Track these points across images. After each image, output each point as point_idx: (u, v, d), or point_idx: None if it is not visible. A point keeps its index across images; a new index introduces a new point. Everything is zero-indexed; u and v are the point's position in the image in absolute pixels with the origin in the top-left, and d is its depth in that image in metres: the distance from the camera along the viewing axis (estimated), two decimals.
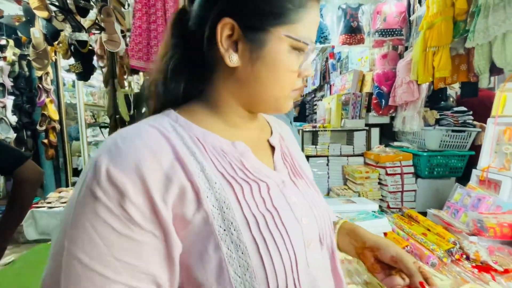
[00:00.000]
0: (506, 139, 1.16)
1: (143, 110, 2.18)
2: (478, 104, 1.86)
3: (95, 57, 1.90)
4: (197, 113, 0.43)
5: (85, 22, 1.54)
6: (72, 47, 1.78)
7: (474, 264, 0.90)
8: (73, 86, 4.04)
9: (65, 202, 1.85)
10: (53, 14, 1.47)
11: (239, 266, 0.34)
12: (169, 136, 0.37)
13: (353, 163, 2.44)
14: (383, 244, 0.52)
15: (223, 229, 0.35)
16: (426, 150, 2.01)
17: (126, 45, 1.67)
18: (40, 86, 2.95)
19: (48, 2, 1.56)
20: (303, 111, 4.82)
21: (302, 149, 2.56)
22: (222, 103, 0.44)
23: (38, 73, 2.81)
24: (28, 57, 2.74)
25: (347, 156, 2.45)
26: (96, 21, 1.41)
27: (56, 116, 3.09)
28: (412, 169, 2.07)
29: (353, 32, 2.28)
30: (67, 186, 3.26)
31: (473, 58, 1.47)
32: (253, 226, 0.36)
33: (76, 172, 3.92)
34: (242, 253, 0.35)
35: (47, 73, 2.97)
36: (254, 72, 0.41)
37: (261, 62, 0.40)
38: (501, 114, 1.21)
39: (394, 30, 2.21)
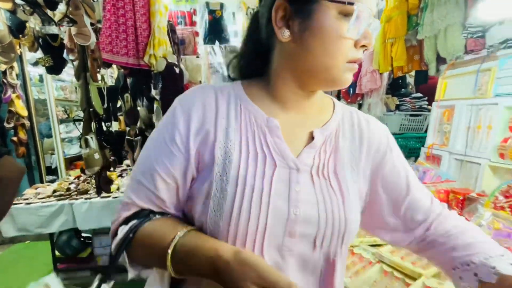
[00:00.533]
0: (445, 120, 1.35)
1: (119, 103, 2.17)
2: (431, 91, 2.07)
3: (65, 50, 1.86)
4: (253, 87, 0.52)
5: (55, 15, 1.51)
6: (40, 40, 1.74)
7: None
8: (40, 80, 3.84)
9: (42, 198, 1.84)
10: (20, 7, 1.42)
11: (217, 204, 0.45)
12: (219, 97, 0.49)
13: None
14: None
15: (220, 175, 0.45)
16: None
17: (97, 38, 1.67)
18: (5, 81, 2.79)
19: None
20: None
21: None
22: (276, 79, 0.50)
23: (2, 67, 2.67)
24: None
25: None
26: (67, 14, 1.40)
27: (24, 112, 2.95)
28: None
29: None
30: (41, 183, 3.17)
31: (424, 49, 1.64)
32: (240, 186, 0.44)
33: (50, 170, 3.78)
34: (223, 197, 0.45)
35: (11, 67, 2.81)
36: (303, 43, 0.44)
37: (309, 32, 0.43)
38: (442, 98, 1.39)
39: None
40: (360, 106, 2.56)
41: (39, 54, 2.08)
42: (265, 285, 0.36)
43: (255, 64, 0.54)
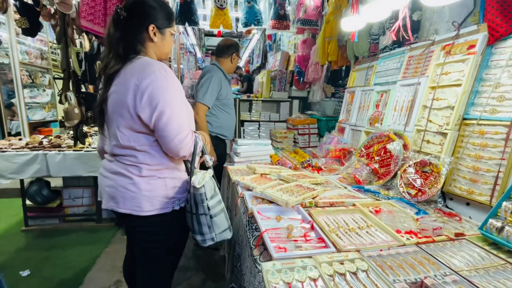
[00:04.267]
0: (350, 102, 1.85)
1: (97, 64, 2.37)
2: None
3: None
4: (148, 57, 1.05)
5: None
6: (17, 3, 1.87)
7: (313, 168, 1.56)
8: None
9: (16, 148, 2.03)
10: None
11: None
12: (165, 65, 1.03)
13: (279, 127, 3.06)
14: None
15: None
16: (325, 116, 2.72)
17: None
18: None
19: None
20: (251, 86, 5.34)
21: (239, 115, 3.11)
22: (152, 55, 1.08)
23: None
24: None
25: (275, 122, 3.06)
26: None
27: None
28: (316, 130, 2.77)
29: (280, 19, 2.79)
30: None
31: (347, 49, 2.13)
32: None
33: (10, 136, 3.78)
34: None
35: None
36: (162, 43, 1.08)
37: (163, 39, 1.08)
38: (351, 86, 1.89)
39: (311, 21, 2.79)
40: (308, 93, 3.05)
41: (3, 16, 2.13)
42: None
43: (136, 48, 1.05)
